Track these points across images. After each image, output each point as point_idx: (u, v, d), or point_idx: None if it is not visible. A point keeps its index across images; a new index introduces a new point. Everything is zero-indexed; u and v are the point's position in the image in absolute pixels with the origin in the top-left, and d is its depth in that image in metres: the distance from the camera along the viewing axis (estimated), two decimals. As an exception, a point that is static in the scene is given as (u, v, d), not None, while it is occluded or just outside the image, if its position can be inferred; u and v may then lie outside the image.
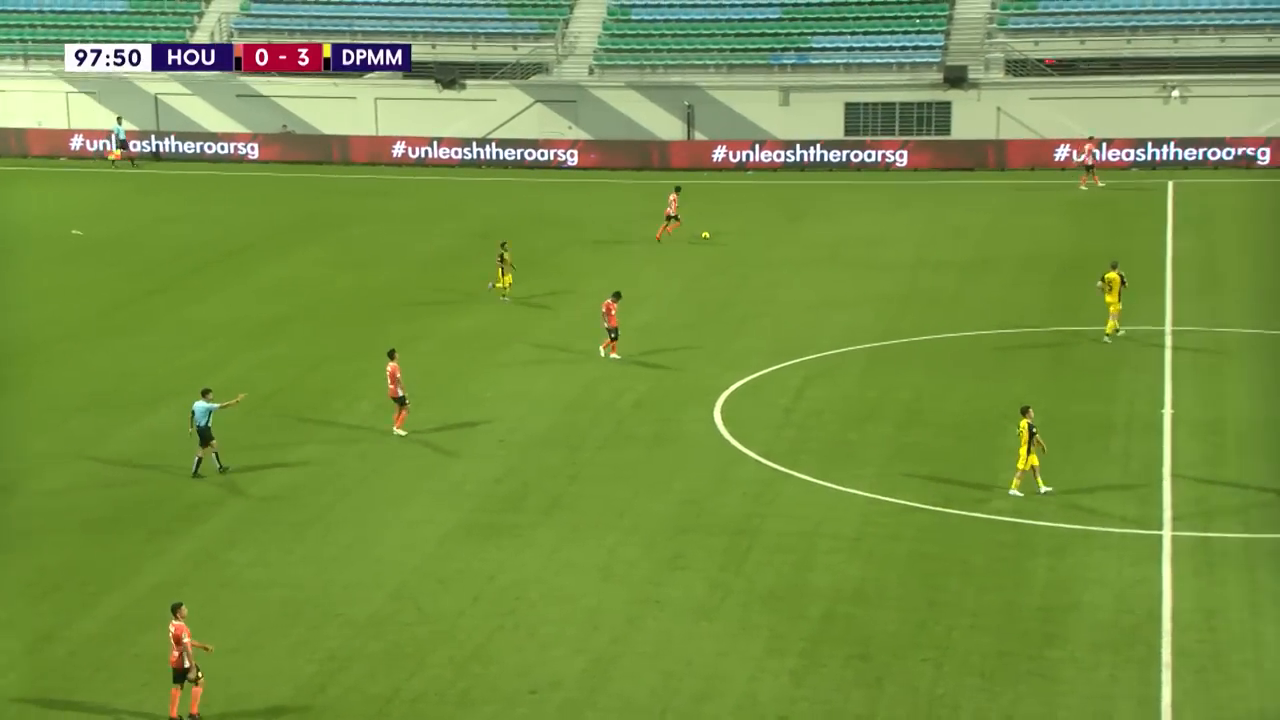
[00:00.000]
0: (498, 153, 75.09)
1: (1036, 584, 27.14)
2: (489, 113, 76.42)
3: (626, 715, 23.21)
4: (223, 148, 77.62)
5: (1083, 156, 64.26)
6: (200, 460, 33.58)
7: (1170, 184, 63.05)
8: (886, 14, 76.30)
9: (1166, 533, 29.05)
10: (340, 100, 77.97)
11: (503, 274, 47.77)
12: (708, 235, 53.33)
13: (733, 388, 38.80)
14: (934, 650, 24.77)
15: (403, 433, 35.66)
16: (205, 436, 33.44)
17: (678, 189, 57.80)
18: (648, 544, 29.43)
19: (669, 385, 39.22)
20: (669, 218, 56.48)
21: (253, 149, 77.27)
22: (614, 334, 40.97)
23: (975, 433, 34.98)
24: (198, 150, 77.50)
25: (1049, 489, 30.89)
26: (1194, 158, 67.40)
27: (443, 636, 25.78)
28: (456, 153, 75.37)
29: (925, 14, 75.87)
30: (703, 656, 24.85)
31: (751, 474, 33.04)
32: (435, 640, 25.64)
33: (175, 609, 23.53)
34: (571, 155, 74.17)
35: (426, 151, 75.71)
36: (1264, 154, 67.05)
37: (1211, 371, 38.75)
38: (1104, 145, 66.93)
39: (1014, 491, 30.94)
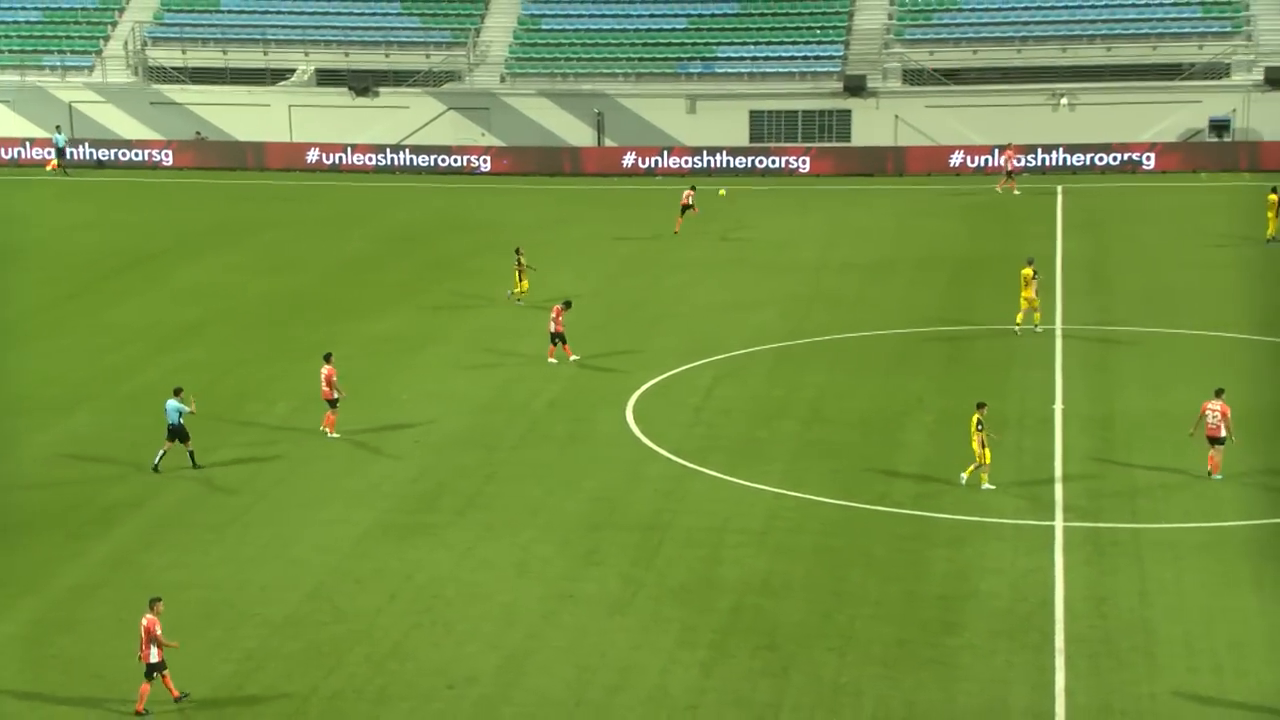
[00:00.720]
0: (412, 159, 74.63)
1: (935, 574, 27.39)
2: (402, 120, 75.96)
3: (541, 709, 23.15)
4: (137, 155, 76.51)
5: (1003, 162, 64.82)
6: (163, 454, 33.36)
7: (1060, 188, 63.93)
8: (788, 25, 76.78)
9: (1058, 523, 29.43)
10: (254, 108, 77.17)
11: (520, 278, 47.20)
12: (724, 192, 55.09)
13: (644, 387, 38.84)
14: (838, 639, 24.93)
15: (335, 435, 35.33)
16: (177, 434, 33.33)
17: (693, 187, 58.64)
18: (562, 541, 29.38)
19: (582, 386, 39.18)
20: (684, 208, 57.23)
21: (167, 156, 76.22)
22: (561, 339, 40.63)
23: (877, 429, 35.26)
24: (112, 157, 76.33)
25: (990, 486, 31.08)
26: (1082, 163, 68.40)
27: (360, 635, 25.56)
28: (371, 159, 74.81)
29: (825, 25, 76.43)
30: (615, 650, 24.85)
31: (662, 471, 33.08)
32: (352, 639, 25.42)
33: (153, 603, 23.35)
34: (485, 161, 73.88)
35: (341, 158, 75.11)
36: (1149, 159, 68.20)
37: (1100, 368, 39.33)
38: (1038, 152, 67.70)
39: (986, 485, 31.05)
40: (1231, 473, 31.49)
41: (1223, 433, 31.26)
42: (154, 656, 22.98)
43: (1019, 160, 65.67)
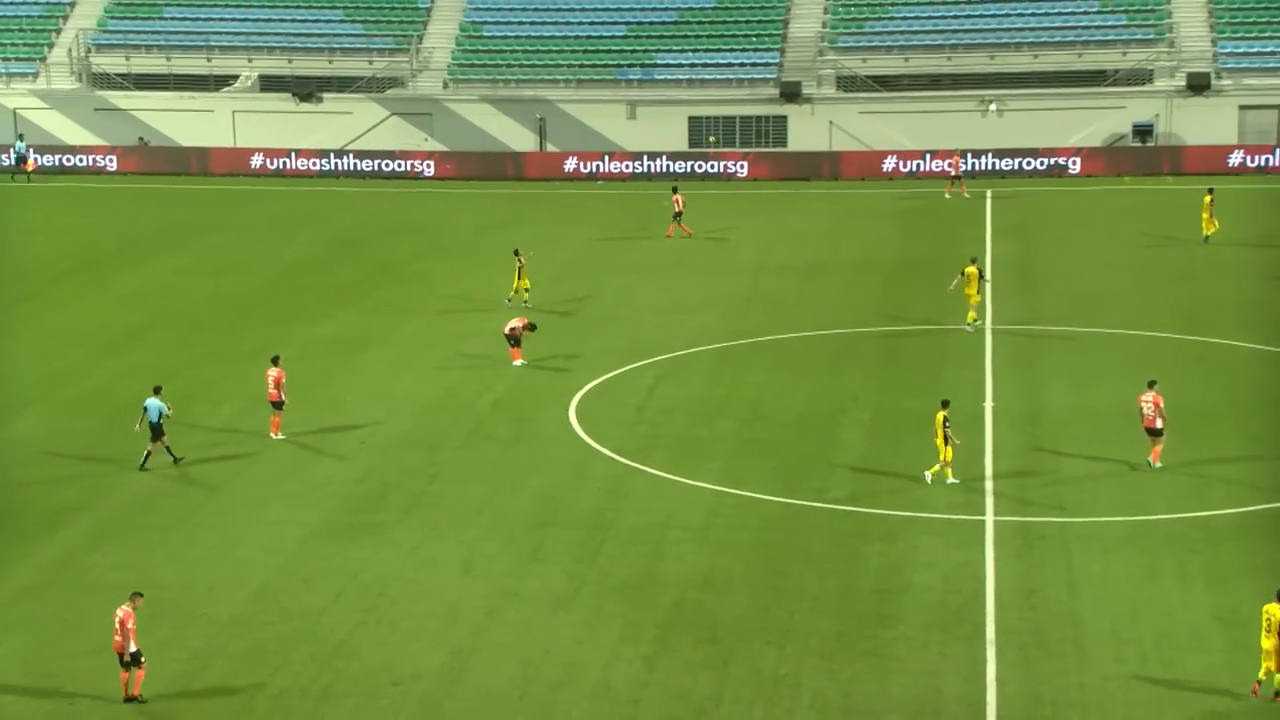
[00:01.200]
0: (355, 163, 74.28)
1: (871, 568, 27.53)
2: (346, 125, 75.65)
3: (486, 704, 23.08)
4: (81, 160, 75.73)
5: (949, 167, 65.12)
6: (149, 454, 33.15)
7: (989, 192, 64.47)
8: (725, 33, 77.05)
9: (989, 518, 29.64)
10: (198, 113, 76.57)
11: (520, 277, 46.73)
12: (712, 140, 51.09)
13: (587, 388, 38.81)
14: (777, 633, 25.01)
15: (280, 437, 35.05)
16: (156, 432, 33.11)
17: (675, 188, 58.62)
18: (506, 539, 29.30)
19: (526, 386, 39.11)
20: (677, 214, 57.15)
21: (111, 161, 75.48)
22: (515, 342, 40.50)
23: (815, 427, 35.40)
24: (57, 163, 75.46)
25: (953, 481, 31.24)
26: (1010, 167, 69.05)
27: (305, 634, 25.38)
28: (314, 164, 74.43)
29: (761, 33, 76.76)
30: (559, 645, 24.81)
31: (605, 470, 33.07)
32: (298, 637, 25.24)
33: (133, 596, 23.38)
34: (428, 166, 73.64)
35: (284, 162, 74.66)
36: (1074, 163, 68.94)
37: (1029, 366, 39.67)
38: (968, 157, 68.17)
39: (951, 480, 31.16)
40: (1158, 466, 31.87)
41: (1158, 423, 31.63)
42: (132, 647, 22.93)
43: (964, 164, 66.02)
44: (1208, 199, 53.51)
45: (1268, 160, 67.63)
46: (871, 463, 32.88)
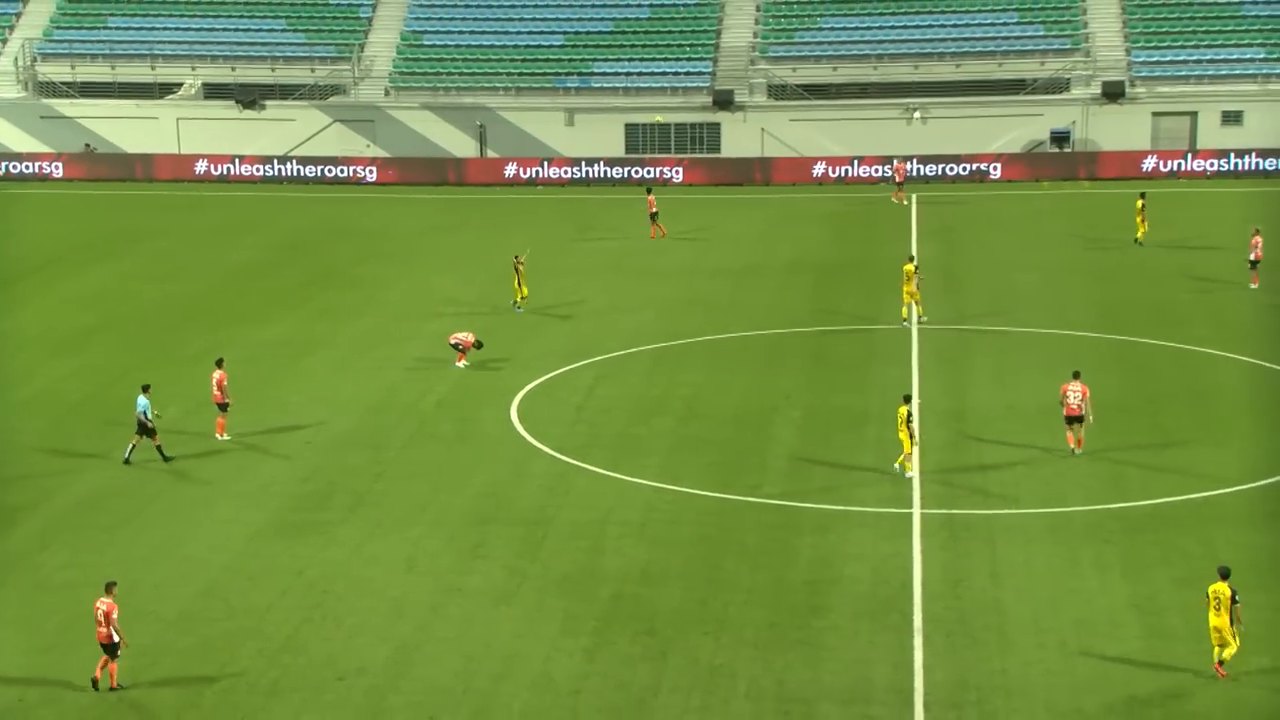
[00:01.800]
0: (299, 169, 73.76)
1: (803, 560, 27.67)
2: (289, 132, 75.11)
3: (429, 697, 23.00)
4: (27, 167, 74.71)
5: (894, 174, 65.30)
6: (133, 448, 33.06)
7: (914, 196, 64.93)
8: (660, 42, 77.19)
9: (916, 511, 29.86)
10: (143, 120, 75.79)
11: (520, 284, 46.35)
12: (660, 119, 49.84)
13: (528, 387, 38.75)
14: (713, 624, 25.09)
15: (226, 438, 34.73)
16: (143, 428, 32.98)
17: (650, 190, 58.96)
18: (449, 536, 29.21)
19: (468, 386, 38.99)
20: (653, 215, 57.19)
21: (57, 168, 74.56)
22: (464, 348, 40.37)
23: (749, 424, 35.51)
24: (3, 170, 74.44)
25: (910, 474, 31.36)
26: (934, 173, 69.55)
27: (252, 630, 25.19)
28: (258, 170, 73.83)
29: (695, 43, 76.95)
30: (501, 639, 24.77)
31: (546, 467, 33.03)
32: (244, 634, 25.04)
33: (109, 587, 23.27)
34: (370, 172, 73.23)
35: (229, 169, 74.02)
36: (995, 169, 69.58)
37: (954, 364, 39.99)
38: (911, 163, 68.59)
39: (908, 473, 31.33)
40: (1072, 461, 32.22)
41: (1083, 411, 32.01)
42: (114, 637, 22.89)
43: (908, 170, 66.27)
44: (1140, 203, 54.09)
45: (1180, 165, 68.58)
46: (803, 458, 33.06)
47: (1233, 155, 68.06)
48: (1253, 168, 67.67)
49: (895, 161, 65.81)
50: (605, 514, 30.15)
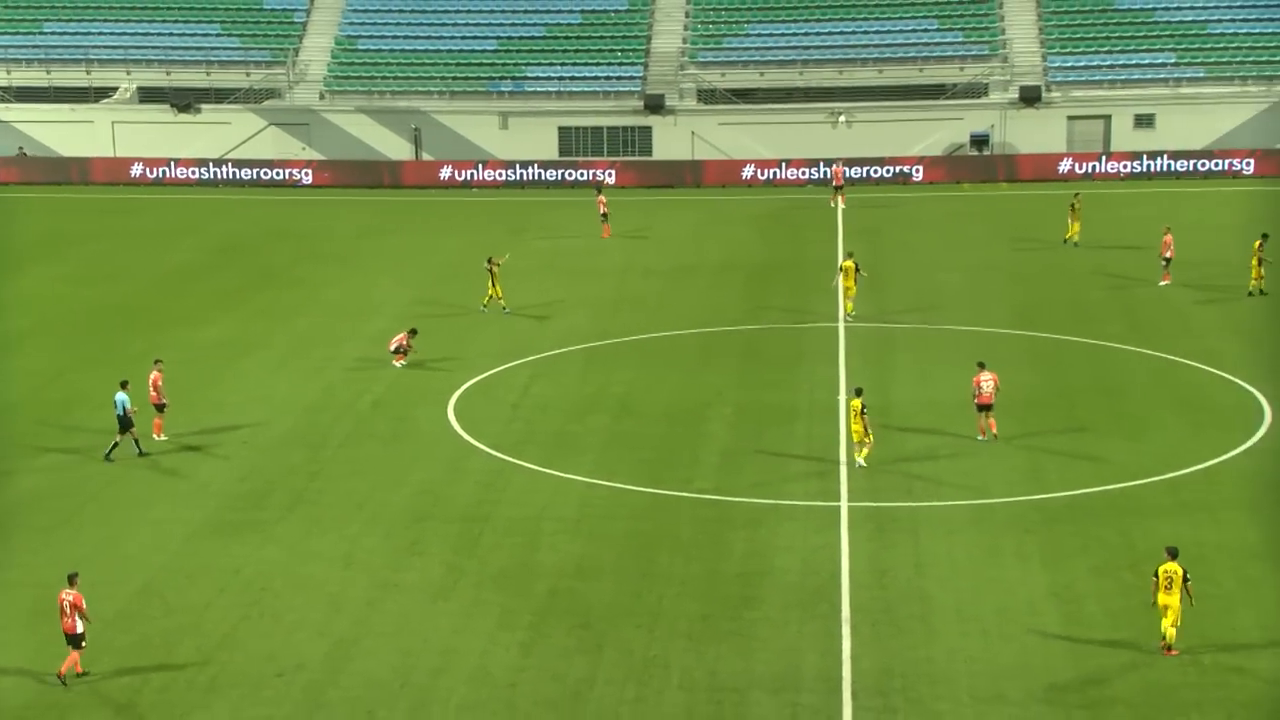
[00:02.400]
0: (234, 172, 72.92)
1: (735, 553, 27.73)
2: (225, 135, 74.30)
3: (368, 691, 22.81)
4: (-38, 170, 73.40)
5: (833, 178, 65.12)
6: (116, 445, 32.75)
7: (835, 199, 65.22)
8: (592, 47, 77.13)
9: (844, 504, 29.98)
10: (78, 124, 74.68)
11: (493, 285, 45.93)
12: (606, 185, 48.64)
13: (465, 386, 38.57)
14: (647, 617, 25.08)
15: (163, 438, 34.27)
16: (124, 424, 32.69)
17: (599, 190, 58.96)
18: (387, 533, 29.00)
19: (405, 386, 38.73)
20: (604, 216, 57.23)
21: (-9, 171, 73.29)
22: (405, 349, 40.02)
23: (681, 421, 35.54)
24: (-63, 173, 73.14)
25: (863, 463, 31.64)
26: (859, 175, 69.89)
27: (190, 628, 24.89)
28: (194, 172, 72.94)
29: (626, 48, 76.96)
30: (439, 634, 24.62)
31: (483, 465, 32.88)
32: (182, 632, 24.73)
33: (71, 579, 23.27)
34: (306, 174, 72.55)
35: (164, 171, 73.07)
36: (918, 171, 70.12)
37: (879, 361, 40.22)
38: (821, 165, 68.76)
39: (860, 462, 31.60)
40: (993, 454, 32.51)
41: (994, 399, 32.57)
42: (79, 627, 22.86)
43: (846, 174, 66.29)
44: (1073, 204, 54.46)
45: (1094, 167, 69.44)
46: (735, 454, 33.14)
47: (1145, 157, 69.04)
48: (1164, 169, 68.67)
49: (834, 166, 65.99)
50: (541, 510, 30.07)
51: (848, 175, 66.77)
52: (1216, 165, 68.48)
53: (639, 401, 37.18)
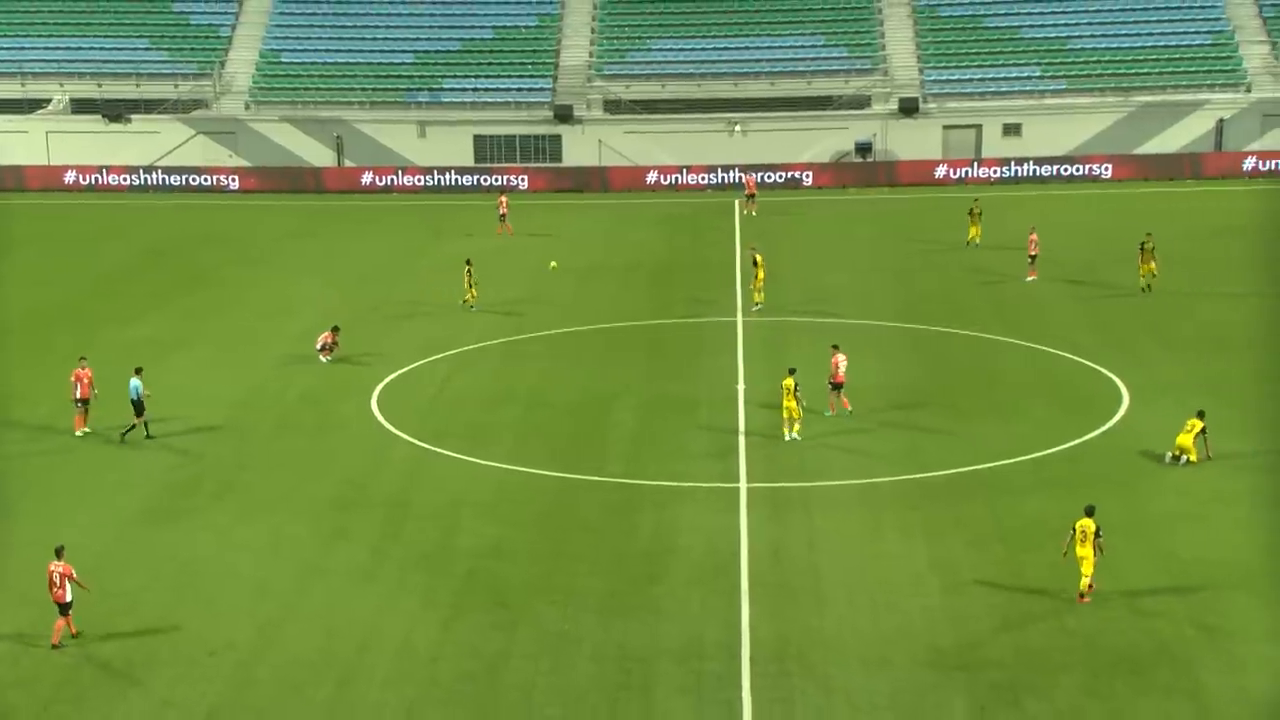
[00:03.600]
0: (164, 179, 71.63)
1: (642, 534, 27.77)
2: (154, 143, 73.01)
3: (295, 669, 22.56)
4: (-102, 177, 71.27)
5: (745, 187, 64.86)
6: (133, 427, 33.01)
7: (736, 202, 65.59)
8: (504, 61, 76.75)
9: (743, 486, 30.15)
10: (13, 134, 72.93)
11: (470, 287, 45.20)
12: (555, 265, 47.15)
13: (387, 380, 38.22)
14: (560, 594, 25.06)
15: (86, 430, 33.55)
16: (138, 409, 33.00)
17: (503, 191, 58.38)
18: (313, 520, 28.67)
19: (330, 380, 38.29)
20: (502, 216, 57.16)
21: (-72, 179, 71.27)
22: (330, 346, 39.57)
23: (590, 411, 35.51)
24: (-126, 180, 70.94)
25: (796, 437, 32.22)
26: (754, 180, 70.12)
27: (125, 611, 24.45)
28: (125, 179, 71.55)
29: (536, 61, 76.67)
30: (364, 614, 24.40)
31: (405, 454, 32.62)
32: (118, 615, 24.29)
33: (58, 551, 23.49)
34: (233, 180, 71.42)
35: (96, 178, 71.58)
36: (807, 176, 70.63)
37: (774, 353, 40.40)
38: (718, 171, 68.90)
39: (792, 435, 32.20)
40: (878, 437, 32.84)
41: (844, 377, 33.71)
42: (68, 596, 23.05)
43: (756, 181, 66.23)
44: (973, 209, 54.77)
45: (967, 173, 70.44)
46: (641, 441, 33.18)
47: (1013, 163, 70.16)
48: (1030, 174, 69.87)
49: (747, 176, 66.06)
50: (460, 496, 29.90)
51: (740, 180, 66.99)
52: (1078, 170, 69.80)
53: (551, 393, 37.09)
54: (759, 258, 44.93)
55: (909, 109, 72.61)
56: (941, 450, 31.99)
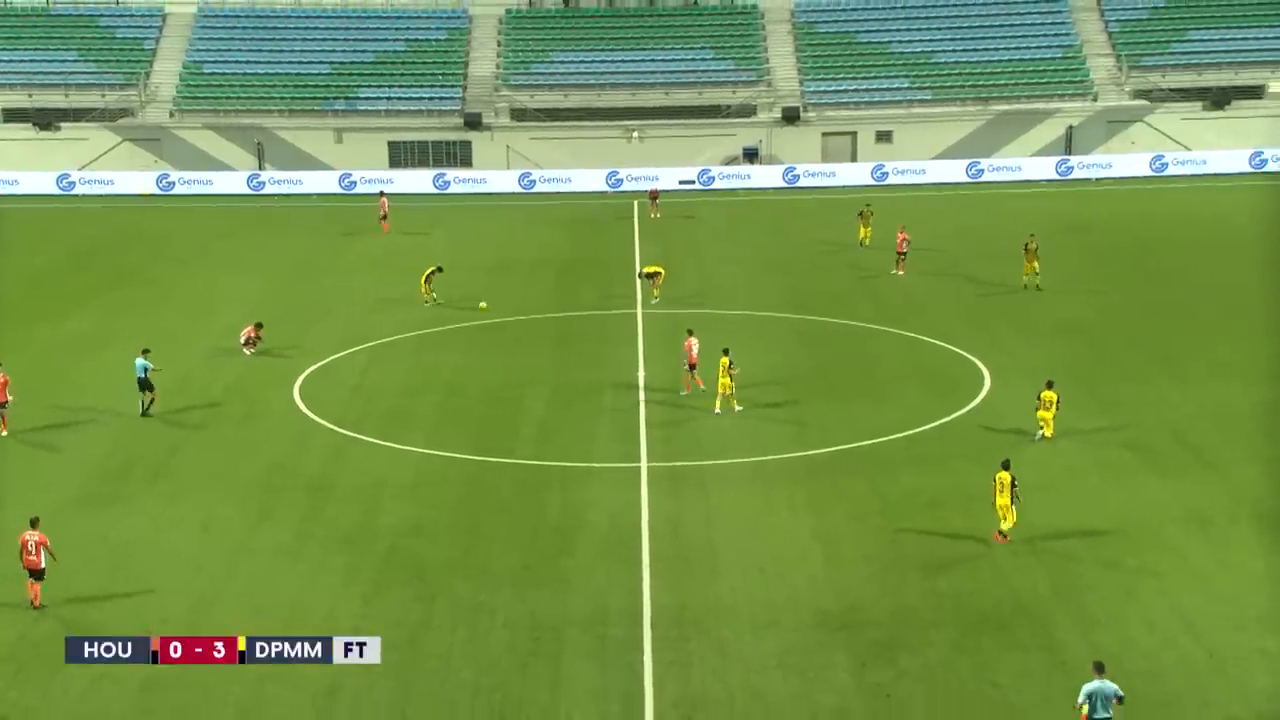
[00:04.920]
0: (92, 183, 69.76)
1: (552, 511, 27.69)
2: (83, 150, 71.22)
3: (228, 644, 22.11)
4: None
5: (649, 193, 64.41)
6: (150, 403, 33.34)
7: (635, 203, 65.68)
8: (416, 71, 75.97)
9: (644, 466, 30.18)
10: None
11: (428, 289, 44.54)
12: (484, 306, 43.89)
13: (309, 371, 37.63)
14: (475, 569, 24.91)
15: (4, 434, 32.31)
16: (143, 385, 33.21)
17: (383, 193, 57.95)
18: (240, 502, 28.15)
19: (255, 371, 37.60)
20: (383, 217, 56.56)
21: None
22: (254, 340, 38.87)
23: (503, 398, 35.28)
24: None
25: (740, 409, 32.57)
26: (650, 184, 70.23)
27: (62, 589, 23.77)
28: (55, 184, 69.63)
29: (446, 72, 76.00)
30: (290, 591, 24.04)
31: (327, 440, 32.16)
32: (53, 595, 23.60)
33: (34, 522, 23.53)
34: (159, 184, 69.76)
35: (28, 183, 69.53)
36: (698, 179, 70.89)
37: (671, 343, 40.41)
38: (617, 174, 68.83)
39: (727, 409, 32.62)
40: (766, 418, 33.09)
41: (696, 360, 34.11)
42: (42, 563, 23.12)
43: (659, 189, 65.82)
44: (863, 211, 54.92)
45: (846, 174, 71.21)
46: (550, 425, 33.08)
47: (885, 166, 71.19)
48: (900, 178, 70.93)
49: (650, 180, 65.84)
50: (380, 478, 29.57)
51: (639, 184, 67.09)
52: (943, 173, 70.94)
53: (465, 382, 36.81)
54: (661, 269, 45.13)
55: (791, 117, 73.28)
56: (824, 430, 32.27)
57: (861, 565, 24.78)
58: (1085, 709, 18.56)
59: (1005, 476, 25.12)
